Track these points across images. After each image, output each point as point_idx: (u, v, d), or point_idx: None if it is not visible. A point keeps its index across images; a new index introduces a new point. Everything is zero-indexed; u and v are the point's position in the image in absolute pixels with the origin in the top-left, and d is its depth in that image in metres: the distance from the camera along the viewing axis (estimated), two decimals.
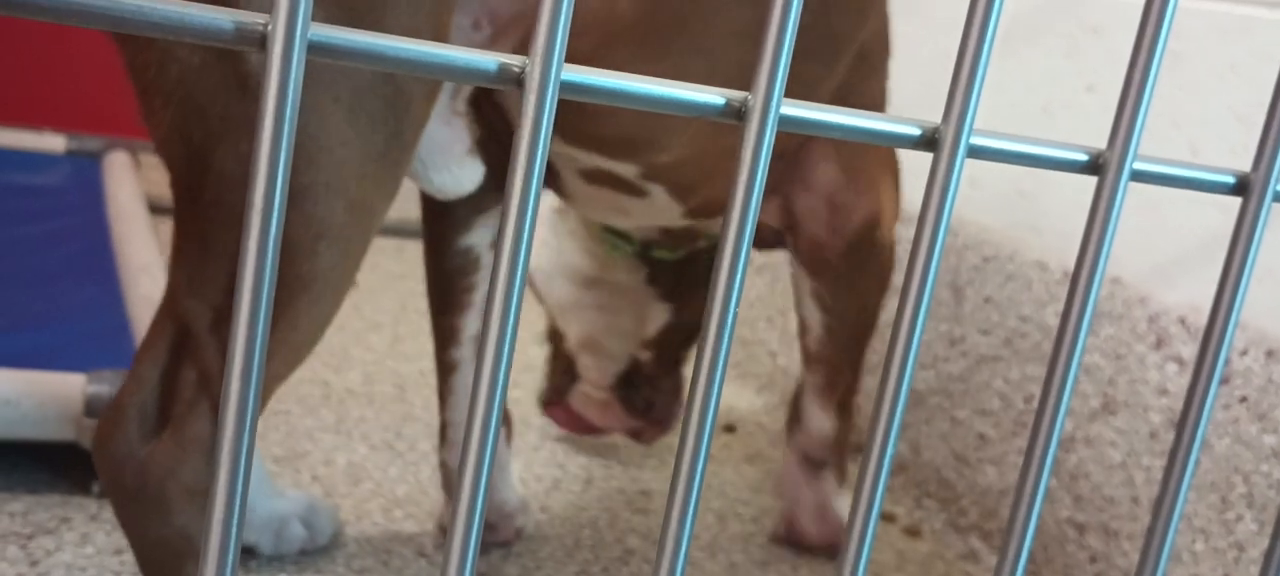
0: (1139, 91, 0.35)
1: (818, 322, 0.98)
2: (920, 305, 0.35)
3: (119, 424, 0.62)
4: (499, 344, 0.31)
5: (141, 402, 0.62)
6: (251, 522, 0.88)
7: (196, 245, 0.60)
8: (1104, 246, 0.36)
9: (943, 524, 1.13)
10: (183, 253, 0.61)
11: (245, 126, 0.57)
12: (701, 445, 0.33)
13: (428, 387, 1.26)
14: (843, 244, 0.95)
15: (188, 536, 0.61)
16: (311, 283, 0.60)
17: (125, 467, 0.62)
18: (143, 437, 0.62)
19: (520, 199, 0.30)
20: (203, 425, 0.61)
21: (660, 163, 0.85)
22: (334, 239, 0.60)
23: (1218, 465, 0.89)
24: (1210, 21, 0.96)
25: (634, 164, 0.85)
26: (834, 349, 0.99)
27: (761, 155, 0.32)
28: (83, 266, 1.27)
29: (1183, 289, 0.96)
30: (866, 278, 0.97)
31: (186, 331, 0.61)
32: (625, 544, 1.00)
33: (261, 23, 0.28)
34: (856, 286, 0.97)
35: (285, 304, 0.60)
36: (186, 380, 0.62)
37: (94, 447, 0.63)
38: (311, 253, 0.60)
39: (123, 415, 0.62)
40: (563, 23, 0.29)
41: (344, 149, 0.59)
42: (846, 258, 0.95)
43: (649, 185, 0.88)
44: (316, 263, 0.60)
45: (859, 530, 0.36)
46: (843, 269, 0.96)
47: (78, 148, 1.73)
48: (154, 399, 0.62)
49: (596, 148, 0.84)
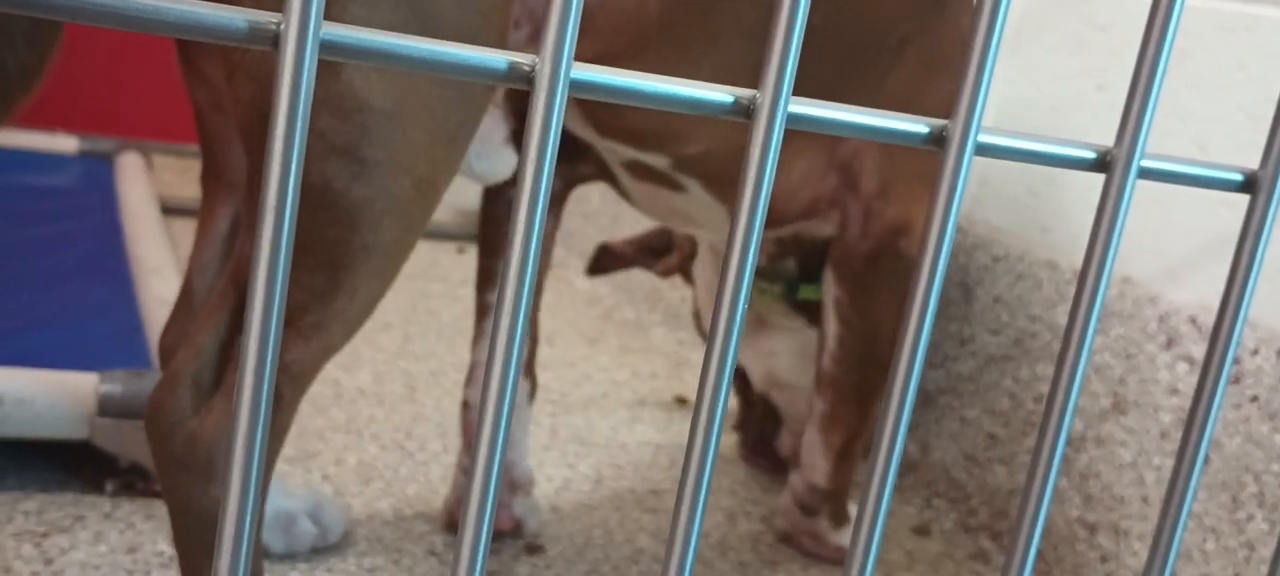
0: (1147, 89, 0.35)
1: (833, 336, 0.97)
2: (929, 304, 0.35)
3: (173, 391, 0.63)
4: (508, 345, 0.31)
5: (197, 371, 0.63)
6: None
7: None
8: (1112, 244, 0.36)
9: (952, 523, 1.13)
10: (252, 222, 0.62)
11: (323, 105, 0.59)
12: (710, 444, 0.34)
13: (438, 387, 1.27)
14: (868, 248, 0.95)
15: None
16: (373, 254, 0.62)
17: (175, 435, 0.63)
18: (195, 407, 0.62)
19: (530, 194, 0.30)
20: None
21: (688, 154, 0.87)
22: (400, 214, 0.62)
23: (1228, 464, 0.89)
24: (1218, 19, 0.96)
25: (662, 155, 0.88)
26: (844, 370, 0.98)
27: (769, 153, 0.32)
28: (95, 267, 1.28)
29: (1193, 288, 0.95)
30: (886, 290, 0.96)
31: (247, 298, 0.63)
32: (635, 543, 1.00)
33: (274, 22, 0.28)
34: (876, 298, 0.96)
35: (347, 273, 0.62)
36: (242, 348, 0.63)
37: (147, 415, 0.64)
38: (377, 225, 0.62)
39: (177, 383, 0.63)
40: (572, 21, 0.29)
41: (418, 130, 0.61)
42: (870, 263, 0.95)
43: (684, 178, 0.90)
44: (381, 235, 0.62)
45: (867, 530, 0.36)
46: (866, 276, 0.95)
47: (90, 149, 1.74)
48: (210, 368, 0.63)
49: (626, 139, 0.86)
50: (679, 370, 1.44)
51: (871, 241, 0.94)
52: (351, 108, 0.59)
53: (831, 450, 1.00)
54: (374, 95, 0.60)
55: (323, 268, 0.62)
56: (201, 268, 0.75)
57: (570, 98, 0.30)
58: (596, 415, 1.27)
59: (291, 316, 0.62)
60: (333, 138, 0.59)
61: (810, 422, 1.01)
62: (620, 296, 1.68)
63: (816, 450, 1.01)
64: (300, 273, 0.61)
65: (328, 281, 0.62)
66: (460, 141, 0.64)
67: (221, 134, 0.73)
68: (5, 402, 0.88)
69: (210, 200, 0.75)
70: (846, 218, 0.95)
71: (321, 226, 0.61)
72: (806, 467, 1.02)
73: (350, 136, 0.60)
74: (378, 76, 0.60)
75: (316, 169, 0.59)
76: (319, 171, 0.60)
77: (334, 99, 0.59)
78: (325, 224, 0.61)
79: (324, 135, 0.59)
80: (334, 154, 0.60)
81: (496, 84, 0.30)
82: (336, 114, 0.59)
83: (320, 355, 0.64)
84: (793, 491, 1.03)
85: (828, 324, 0.98)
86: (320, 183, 0.60)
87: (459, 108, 0.63)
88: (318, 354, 0.64)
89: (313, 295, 0.62)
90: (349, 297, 0.63)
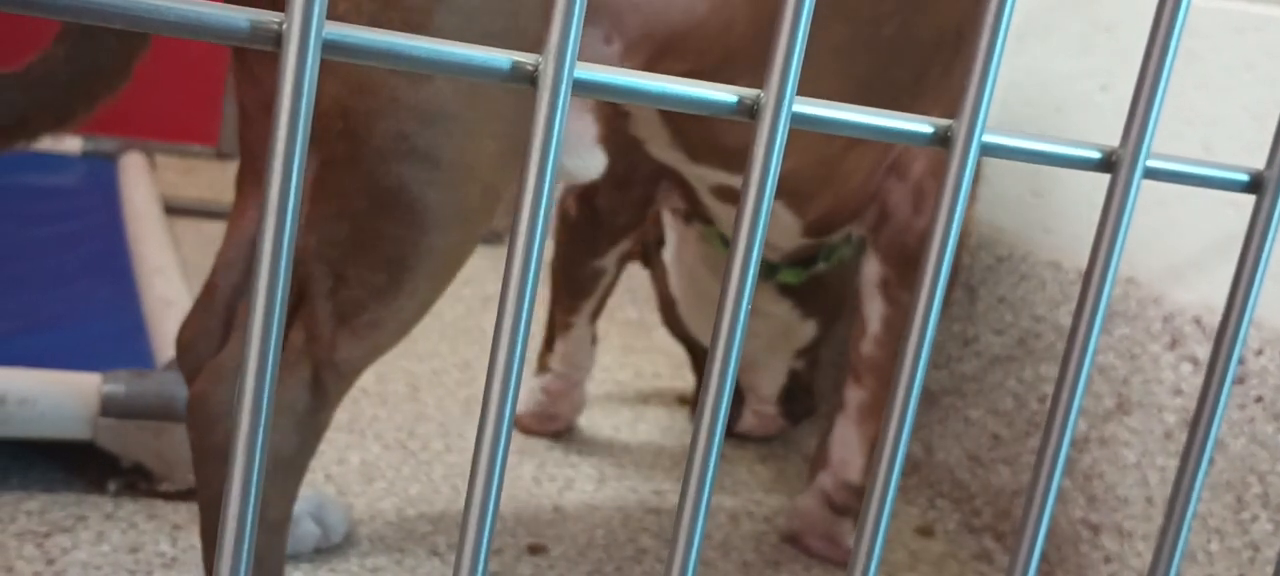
0: (1152, 89, 0.35)
1: (877, 317, 0.97)
2: (933, 304, 0.35)
3: (218, 383, 0.64)
4: (510, 347, 0.31)
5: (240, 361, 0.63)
6: None
7: (334, 212, 0.63)
8: (1117, 244, 0.36)
9: (956, 524, 1.13)
10: (316, 218, 0.63)
11: (409, 110, 0.61)
12: (714, 444, 0.33)
13: (440, 387, 1.27)
14: (924, 224, 0.96)
15: (264, 503, 0.63)
16: (436, 256, 0.64)
17: (218, 428, 0.63)
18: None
19: (533, 197, 0.30)
20: (300, 393, 0.63)
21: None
22: (465, 219, 0.64)
23: (1233, 465, 0.89)
24: (1224, 19, 0.96)
25: None
26: (888, 354, 0.97)
27: (774, 153, 0.32)
28: (98, 267, 1.28)
29: (1198, 289, 0.95)
30: None
31: (304, 292, 0.64)
32: (638, 543, 1.00)
33: (277, 22, 0.28)
34: None
35: (409, 274, 0.63)
36: (294, 342, 0.64)
37: (189, 407, 0.65)
38: (445, 228, 0.63)
39: (222, 375, 0.64)
40: (576, 20, 0.29)
41: (490, 139, 0.63)
42: (922, 240, 0.96)
43: None
44: (446, 238, 0.64)
45: (871, 530, 0.36)
46: (917, 252, 0.96)
47: (93, 149, 1.74)
48: None
49: (719, 162, 0.89)
50: (681, 370, 1.44)
51: (926, 218, 0.96)
52: (436, 114, 0.61)
53: (868, 442, 1.00)
54: (457, 103, 0.61)
55: (386, 267, 0.63)
56: (228, 264, 0.76)
57: (663, 127, 0.30)
58: (599, 415, 1.27)
59: (347, 314, 0.63)
60: (415, 141, 0.61)
61: (841, 417, 1.00)
62: (623, 296, 1.68)
63: (851, 444, 1.00)
64: (362, 270, 0.62)
65: (389, 281, 0.63)
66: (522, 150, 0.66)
67: (265, 138, 0.74)
68: (8, 402, 0.88)
69: (244, 200, 0.77)
70: (892, 204, 0.96)
71: (390, 226, 0.62)
72: (839, 464, 1.00)
73: (431, 141, 0.61)
74: (458, 85, 0.61)
75: (394, 171, 0.61)
76: (396, 173, 0.61)
77: (420, 104, 0.60)
78: (394, 223, 0.62)
79: (406, 138, 0.61)
80: (413, 157, 0.61)
81: (500, 83, 0.30)
82: (421, 119, 0.61)
83: (370, 355, 0.65)
84: (821, 492, 1.02)
85: (869, 307, 0.98)
86: (396, 184, 0.61)
87: (528, 118, 0.64)
88: (368, 353, 0.65)
89: (372, 293, 0.63)
90: (408, 298, 0.64)
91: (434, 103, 0.61)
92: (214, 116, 2.05)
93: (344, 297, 0.63)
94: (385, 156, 0.61)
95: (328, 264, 0.63)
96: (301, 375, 0.63)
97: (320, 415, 0.65)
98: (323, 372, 0.64)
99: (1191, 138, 0.97)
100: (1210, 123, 0.96)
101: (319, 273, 0.63)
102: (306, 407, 0.64)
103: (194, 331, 0.77)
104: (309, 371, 0.64)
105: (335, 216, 0.62)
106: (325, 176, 0.63)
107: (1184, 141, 0.98)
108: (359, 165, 0.62)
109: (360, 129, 0.61)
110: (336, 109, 0.61)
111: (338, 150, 0.62)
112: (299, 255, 0.63)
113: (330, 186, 0.62)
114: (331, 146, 0.62)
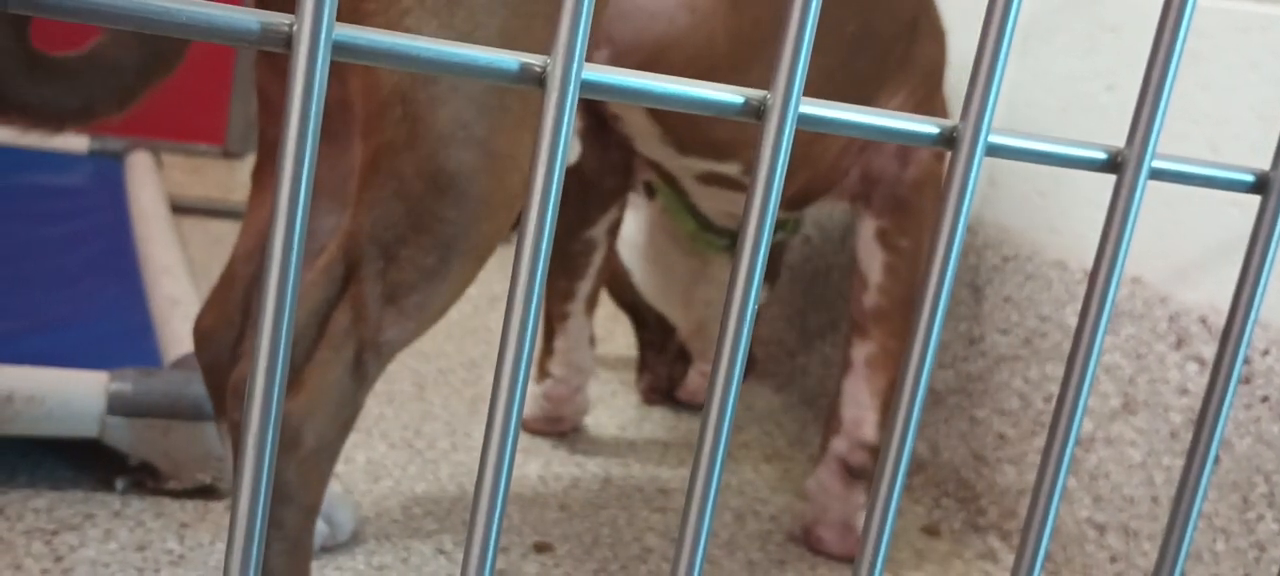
0: (1158, 89, 0.35)
1: (879, 268, 0.99)
2: (940, 302, 0.35)
3: None
4: (519, 344, 0.31)
5: None
6: None
7: (390, 194, 0.64)
8: (1123, 244, 0.36)
9: (961, 523, 1.13)
10: (370, 200, 0.65)
11: (469, 99, 0.63)
12: (720, 443, 0.34)
13: (446, 386, 1.27)
14: (914, 174, 0.99)
15: (302, 483, 0.65)
16: (483, 241, 0.66)
17: None
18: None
19: (541, 196, 0.30)
20: (343, 375, 0.65)
21: None
22: (508, 205, 0.66)
23: (1239, 465, 0.89)
24: (1230, 19, 0.96)
25: (737, 162, 0.95)
26: (893, 300, 0.99)
27: (780, 154, 0.32)
28: (105, 266, 1.28)
29: (1203, 288, 0.95)
30: (928, 215, 1.00)
31: (355, 270, 0.65)
32: (644, 542, 1.00)
33: (287, 23, 0.28)
34: (920, 222, 1.00)
35: (458, 257, 0.65)
36: (339, 322, 0.65)
37: (232, 388, 0.67)
38: (494, 214, 0.66)
39: None
40: (584, 21, 0.29)
41: (527, 130, 0.66)
42: (917, 188, 1.00)
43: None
44: (493, 223, 0.66)
45: (877, 529, 0.36)
46: (912, 200, 0.99)
47: (100, 148, 1.74)
48: (305, 340, 0.65)
49: (708, 153, 0.94)
50: None
51: (916, 167, 1.00)
52: (493, 105, 0.64)
53: (880, 397, 1.00)
54: (509, 95, 0.64)
55: (438, 249, 0.65)
56: (246, 255, 0.78)
57: (653, 125, 0.30)
58: (604, 414, 1.27)
59: (397, 294, 0.65)
60: (474, 128, 0.63)
61: (848, 377, 1.00)
62: None
63: (863, 401, 1.00)
64: (414, 252, 0.64)
65: (439, 262, 0.65)
66: None
67: None
68: (16, 400, 0.88)
69: (262, 191, 0.78)
70: (877, 167, 1.00)
71: (446, 209, 0.64)
72: (851, 423, 1.00)
73: (487, 129, 0.63)
74: None
75: (454, 156, 0.63)
76: (455, 158, 0.63)
77: (479, 94, 0.63)
78: (449, 207, 0.64)
79: (467, 126, 0.63)
80: (471, 143, 0.63)
81: (510, 84, 0.30)
82: (479, 108, 0.63)
83: (411, 336, 0.67)
84: (837, 458, 1.01)
85: (868, 261, 1.00)
86: (454, 168, 0.63)
87: None
88: (410, 334, 0.67)
89: (423, 275, 0.65)
90: (453, 281, 0.66)
91: (490, 92, 0.63)
92: (220, 116, 2.05)
93: (394, 278, 0.65)
94: (446, 142, 0.63)
95: (381, 245, 0.65)
96: (345, 356, 0.65)
97: (359, 396, 0.66)
98: (365, 354, 0.66)
99: (1197, 138, 0.97)
100: (1215, 123, 0.96)
101: (371, 253, 0.65)
102: (348, 390, 0.65)
103: (213, 320, 0.78)
104: (352, 352, 0.65)
105: (392, 198, 0.64)
106: (381, 161, 0.65)
107: (1189, 142, 0.97)
108: (418, 149, 0.64)
109: (423, 114, 0.63)
110: (396, 95, 0.64)
111: (398, 135, 0.64)
112: (350, 237, 0.65)
113: (387, 169, 0.64)
114: (391, 131, 0.64)
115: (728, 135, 0.92)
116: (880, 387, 1.00)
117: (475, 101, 0.63)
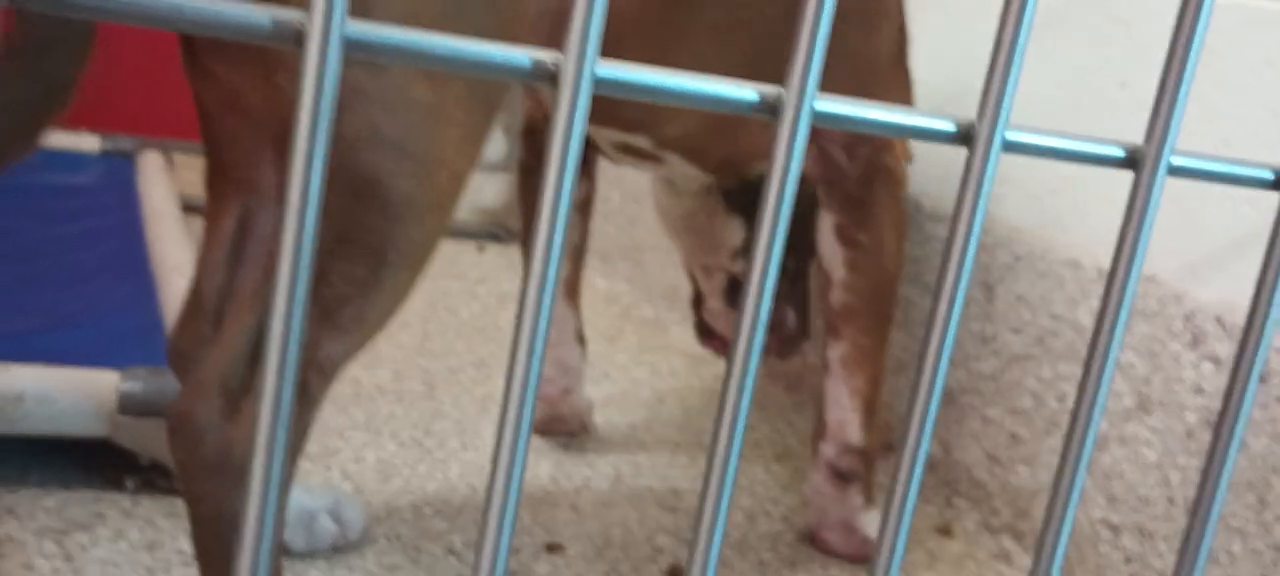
0: (1176, 86, 0.35)
1: (842, 263, 0.99)
2: (954, 302, 0.34)
3: (200, 398, 0.62)
4: (531, 343, 0.31)
5: (225, 375, 0.62)
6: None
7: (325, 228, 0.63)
8: (1141, 242, 0.36)
9: (975, 523, 1.12)
10: None
11: (377, 101, 0.61)
12: (733, 444, 0.33)
13: (457, 385, 1.27)
14: (859, 170, 0.99)
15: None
16: (414, 246, 0.64)
17: (206, 441, 0.62)
18: (227, 411, 0.62)
19: (554, 194, 0.30)
20: None
21: (670, 134, 0.94)
22: (437, 207, 0.64)
23: (1255, 465, 0.88)
24: (1246, 15, 0.95)
25: (646, 137, 0.95)
26: (857, 295, 0.99)
27: (795, 150, 0.32)
28: (117, 265, 1.28)
29: (1219, 286, 0.95)
30: (881, 206, 0.99)
31: None
32: (655, 542, 1.00)
33: (298, 20, 0.28)
34: (875, 213, 0.99)
35: (388, 266, 0.63)
36: None
37: (172, 423, 0.63)
38: (420, 218, 0.63)
39: (205, 389, 0.63)
40: (597, 19, 0.29)
41: (452, 126, 0.63)
42: (863, 183, 0.99)
43: (664, 153, 0.98)
44: (422, 228, 0.64)
45: (892, 530, 0.35)
46: (861, 194, 0.99)
47: (112, 147, 1.75)
48: (242, 370, 0.63)
49: (618, 126, 0.93)
50: (698, 368, 1.44)
51: (860, 163, 0.99)
52: (400, 103, 0.61)
53: (859, 397, 0.99)
54: (419, 90, 0.61)
55: (366, 259, 0.63)
56: (211, 269, 0.72)
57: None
58: (615, 413, 1.27)
59: (330, 310, 0.63)
60: (385, 131, 0.61)
61: (828, 380, 1.00)
62: (639, 294, 1.68)
63: (843, 403, 1.00)
64: (342, 264, 0.62)
65: (370, 272, 0.63)
66: (482, 137, 0.66)
67: (231, 133, 0.72)
68: (27, 400, 0.88)
69: (217, 201, 0.73)
70: (828, 154, 1.00)
71: (368, 217, 0.62)
72: (835, 426, 1.00)
73: (400, 130, 0.61)
74: (415, 71, 0.60)
75: (367, 161, 0.61)
76: (370, 163, 0.61)
77: (385, 93, 0.60)
78: (371, 214, 0.62)
79: (377, 129, 0.60)
80: (384, 146, 0.61)
81: (520, 82, 0.30)
82: (388, 108, 0.61)
83: (353, 349, 0.65)
84: (826, 464, 1.01)
85: (831, 257, 1.00)
86: (370, 175, 0.61)
87: (484, 104, 0.65)
88: (352, 348, 0.65)
89: (354, 287, 0.63)
90: (388, 290, 0.64)
91: (396, 91, 0.61)
92: None
93: (325, 293, 0.63)
94: (357, 148, 0.61)
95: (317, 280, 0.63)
96: None
97: (305, 418, 0.64)
98: (307, 373, 0.64)
99: (1211, 134, 0.97)
100: (1229, 119, 0.95)
101: None
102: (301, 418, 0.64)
103: (187, 340, 0.74)
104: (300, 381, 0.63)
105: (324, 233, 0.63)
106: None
107: (1203, 138, 0.97)
108: (331, 159, 0.62)
109: None
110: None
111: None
112: (272, 260, 0.64)
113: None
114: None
115: (635, 115, 0.92)
116: (858, 387, 0.99)
117: (382, 103, 0.60)
